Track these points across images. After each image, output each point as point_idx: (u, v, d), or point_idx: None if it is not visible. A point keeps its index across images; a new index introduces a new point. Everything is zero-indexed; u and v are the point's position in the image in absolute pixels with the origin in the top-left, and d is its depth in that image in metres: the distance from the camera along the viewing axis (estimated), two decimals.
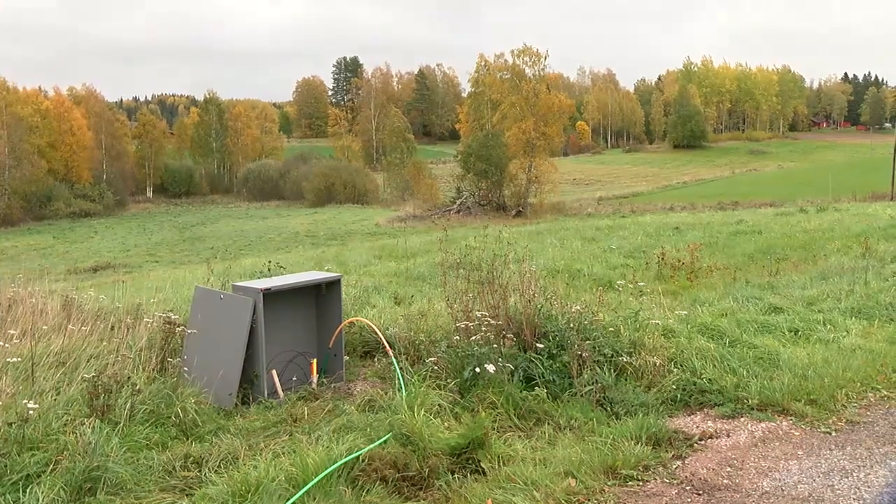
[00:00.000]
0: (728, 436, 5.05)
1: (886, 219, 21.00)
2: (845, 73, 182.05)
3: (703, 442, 4.95)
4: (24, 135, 74.03)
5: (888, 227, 17.60)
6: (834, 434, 5.08)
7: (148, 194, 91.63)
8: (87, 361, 5.61)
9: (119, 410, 4.81)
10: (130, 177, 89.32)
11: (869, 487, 4.26)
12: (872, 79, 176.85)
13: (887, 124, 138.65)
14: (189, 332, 5.82)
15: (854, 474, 4.44)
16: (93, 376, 4.89)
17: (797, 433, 5.10)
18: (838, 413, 5.44)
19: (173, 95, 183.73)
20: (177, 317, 6.06)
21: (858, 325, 7.71)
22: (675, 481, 4.38)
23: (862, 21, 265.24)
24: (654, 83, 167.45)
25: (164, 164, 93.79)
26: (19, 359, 5.39)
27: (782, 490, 4.24)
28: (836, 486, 4.27)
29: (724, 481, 4.37)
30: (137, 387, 5.06)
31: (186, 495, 4.09)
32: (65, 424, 4.58)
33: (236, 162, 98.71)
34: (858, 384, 5.94)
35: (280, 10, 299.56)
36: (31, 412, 4.45)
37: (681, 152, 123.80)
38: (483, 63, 73.96)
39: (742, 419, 5.34)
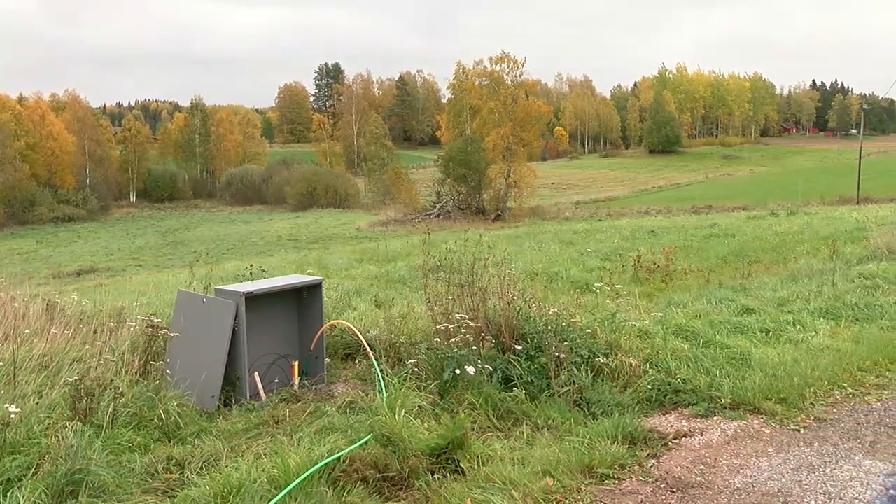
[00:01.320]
0: (701, 434, 5.09)
1: (853, 222, 21.37)
2: (813, 81, 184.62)
3: (677, 441, 4.99)
4: (6, 140, 73.14)
5: (854, 230, 17.89)
6: (802, 431, 5.15)
7: (131, 199, 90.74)
8: (70, 365, 5.55)
9: (102, 413, 4.76)
10: (114, 182, 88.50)
11: (834, 482, 4.33)
12: (839, 86, 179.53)
13: (853, 130, 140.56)
14: (172, 335, 5.77)
15: (821, 470, 4.50)
16: (75, 380, 4.84)
17: (768, 431, 5.16)
18: (807, 411, 5.51)
19: (157, 101, 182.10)
20: (159, 320, 6.00)
21: (826, 326, 7.81)
22: (650, 479, 4.41)
23: (828, 31, 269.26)
24: (629, 90, 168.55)
25: (147, 170, 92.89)
26: (1, 363, 5.30)
27: (753, 486, 4.29)
28: (803, 482, 4.33)
29: (698, 479, 4.41)
30: (120, 390, 5.00)
31: (168, 497, 4.05)
32: (47, 428, 4.52)
33: (219, 167, 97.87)
34: (826, 383, 6.02)
35: (260, 18, 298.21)
36: (12, 416, 4.37)
37: (656, 157, 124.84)
38: (462, 70, 73.98)
39: (715, 418, 5.38)
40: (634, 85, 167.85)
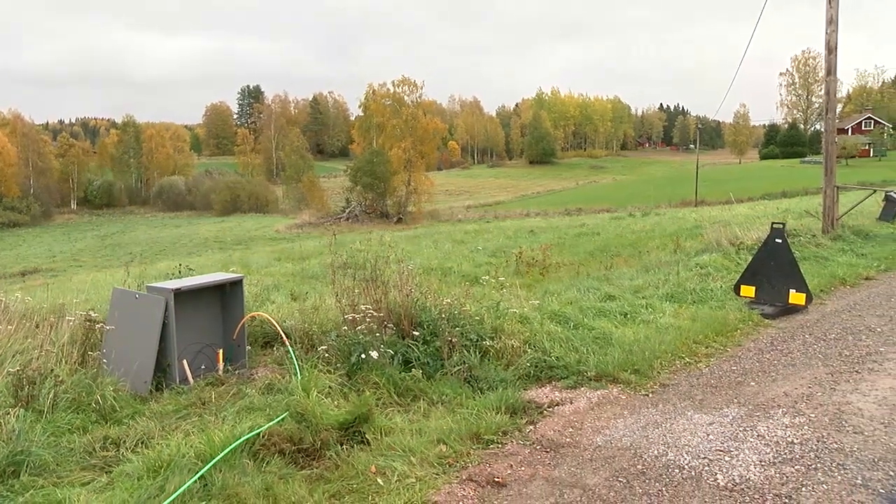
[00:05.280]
0: (571, 403, 5.30)
1: (692, 221, 22.67)
2: (661, 104, 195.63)
3: (551, 409, 5.18)
4: None
5: (693, 228, 18.89)
6: (650, 395, 5.48)
7: (72, 206, 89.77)
8: (13, 357, 5.33)
9: (43, 400, 4.64)
10: (56, 190, 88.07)
11: (672, 434, 4.66)
12: (680, 109, 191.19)
13: (691, 145, 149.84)
14: (108, 328, 5.64)
15: (663, 425, 4.82)
16: (18, 370, 4.74)
17: (624, 397, 5.46)
18: (654, 378, 5.85)
19: (95, 118, 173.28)
20: (97, 315, 5.87)
21: (671, 308, 8.18)
22: (528, 442, 4.58)
23: (669, 63, 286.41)
24: (512, 109, 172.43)
25: (87, 180, 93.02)
26: None
27: (611, 443, 4.55)
28: (649, 436, 4.63)
29: (567, 440, 4.61)
30: (60, 378, 4.87)
31: (105, 472, 3.99)
32: None
33: (152, 177, 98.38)
34: (669, 354, 6.40)
35: (184, 45, 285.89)
36: None
37: (535, 167, 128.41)
38: (371, 91, 73.71)
39: (582, 388, 5.61)
40: (516, 105, 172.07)
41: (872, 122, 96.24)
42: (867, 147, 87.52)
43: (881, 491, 3.81)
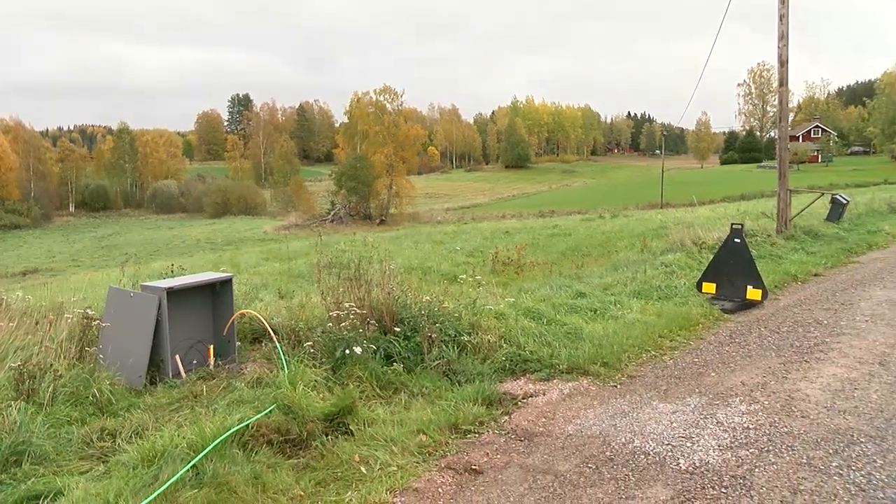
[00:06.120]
0: (544, 394, 5.33)
1: (658, 222, 22.97)
2: (629, 112, 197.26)
3: (525, 400, 5.21)
4: None
5: (658, 229, 19.16)
6: (619, 387, 5.54)
7: (71, 209, 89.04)
8: (14, 352, 5.28)
9: (43, 393, 4.62)
10: (55, 194, 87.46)
11: (638, 422, 4.73)
12: (647, 117, 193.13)
13: (657, 151, 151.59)
14: (104, 325, 5.61)
15: (630, 414, 4.89)
16: (19, 365, 4.71)
17: (594, 389, 5.50)
18: (622, 371, 5.91)
19: (93, 126, 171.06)
20: (94, 312, 5.84)
21: (638, 304, 8.23)
22: (503, 432, 4.61)
23: (638, 72, 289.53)
24: (489, 116, 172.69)
25: (84, 184, 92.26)
26: None
27: (581, 431, 4.60)
28: (617, 425, 4.69)
29: (540, 429, 4.65)
30: (59, 373, 4.86)
31: (103, 462, 3.99)
32: None
33: (146, 181, 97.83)
34: (636, 348, 6.47)
35: (173, 57, 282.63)
36: None
37: (510, 171, 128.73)
38: (356, 99, 73.53)
39: (555, 381, 5.64)
40: (492, 113, 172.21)
41: (820, 130, 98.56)
42: (816, 153, 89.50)
43: (821, 467, 3.96)
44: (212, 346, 5.91)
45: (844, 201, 17.94)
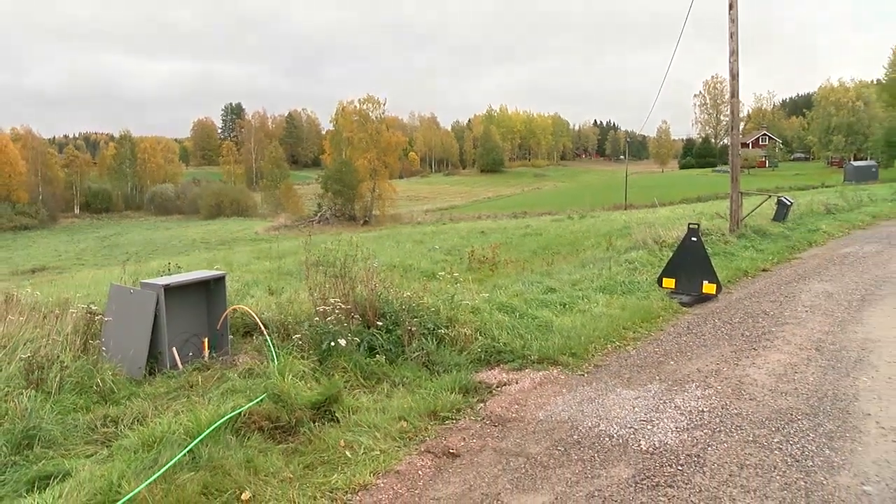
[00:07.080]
0: (516, 383, 5.40)
1: (622, 222, 23.22)
2: (595, 120, 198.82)
3: (499, 388, 5.27)
4: None
5: (622, 229, 19.35)
6: (586, 375, 5.63)
7: (76, 211, 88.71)
8: (24, 344, 5.32)
9: (50, 383, 4.66)
10: (61, 197, 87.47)
11: (603, 407, 4.82)
12: (612, 124, 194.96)
13: (622, 156, 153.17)
14: (106, 319, 5.62)
15: (596, 400, 4.98)
16: (28, 356, 4.77)
17: (563, 377, 5.58)
18: (589, 360, 6.00)
19: (96, 133, 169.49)
20: (97, 307, 5.87)
21: (604, 298, 8.31)
22: (479, 418, 4.67)
23: (604, 83, 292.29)
24: (465, 124, 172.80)
25: (88, 187, 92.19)
26: None
27: (551, 417, 4.67)
28: (584, 410, 4.77)
29: (513, 415, 4.72)
30: (65, 364, 4.88)
31: (106, 447, 4.03)
32: (6, 395, 4.44)
33: (145, 185, 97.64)
34: (602, 339, 6.56)
35: (166, 69, 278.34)
36: None
37: (486, 175, 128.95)
38: (342, 107, 73.27)
39: (526, 370, 5.72)
40: (469, 120, 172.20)
41: (767, 137, 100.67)
42: (763, 159, 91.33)
43: (764, 444, 4.10)
44: (206, 339, 5.92)
45: (789, 203, 18.35)
